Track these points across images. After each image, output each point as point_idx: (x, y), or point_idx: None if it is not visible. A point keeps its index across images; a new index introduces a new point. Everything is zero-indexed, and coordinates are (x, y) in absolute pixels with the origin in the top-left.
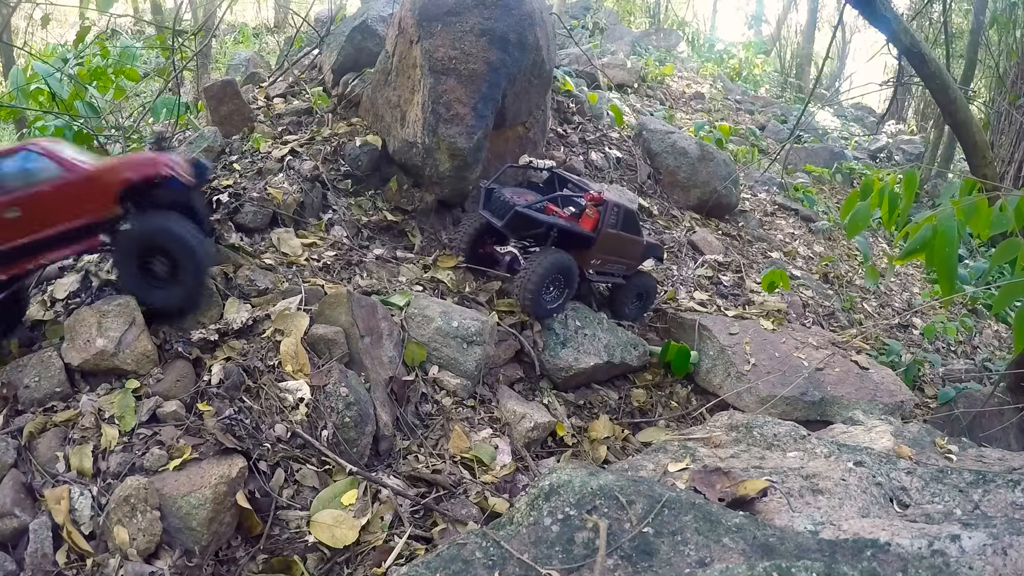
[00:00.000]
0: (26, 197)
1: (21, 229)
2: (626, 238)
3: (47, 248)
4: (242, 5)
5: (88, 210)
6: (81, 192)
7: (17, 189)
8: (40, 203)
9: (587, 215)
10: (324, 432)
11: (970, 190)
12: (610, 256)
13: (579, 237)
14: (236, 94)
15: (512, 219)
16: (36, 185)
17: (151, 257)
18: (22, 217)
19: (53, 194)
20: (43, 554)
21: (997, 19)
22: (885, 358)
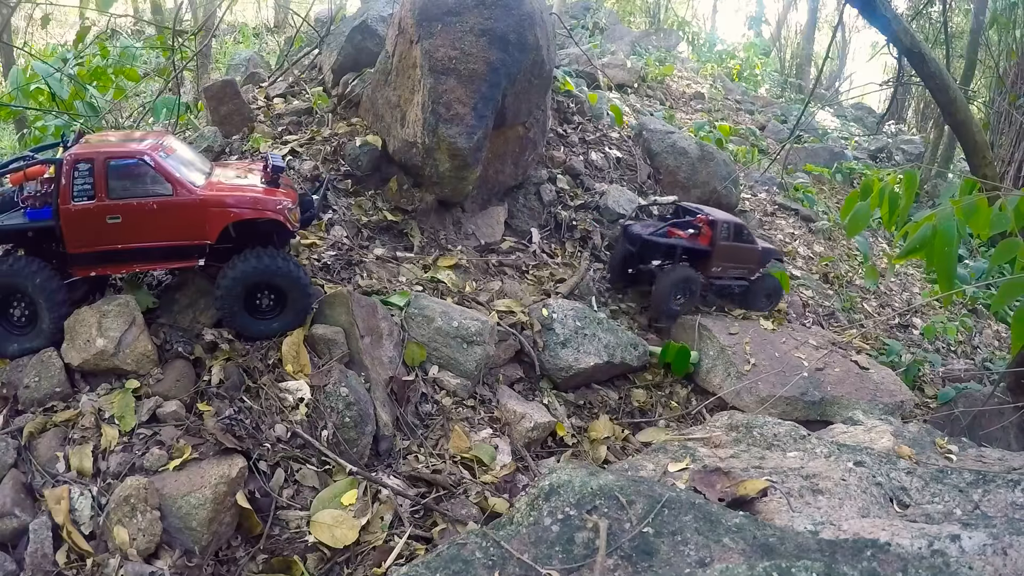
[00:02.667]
0: (129, 208)
1: (121, 235)
2: (740, 247)
3: (141, 259)
4: (242, 5)
5: (191, 234)
6: (187, 216)
7: (124, 196)
8: (142, 216)
9: (703, 233)
10: (324, 432)
11: (970, 190)
12: (729, 263)
13: (699, 252)
14: (236, 94)
15: (642, 246)
16: (142, 198)
17: (259, 293)
18: (122, 225)
19: (157, 212)
20: (43, 554)
21: (997, 19)
22: (885, 358)
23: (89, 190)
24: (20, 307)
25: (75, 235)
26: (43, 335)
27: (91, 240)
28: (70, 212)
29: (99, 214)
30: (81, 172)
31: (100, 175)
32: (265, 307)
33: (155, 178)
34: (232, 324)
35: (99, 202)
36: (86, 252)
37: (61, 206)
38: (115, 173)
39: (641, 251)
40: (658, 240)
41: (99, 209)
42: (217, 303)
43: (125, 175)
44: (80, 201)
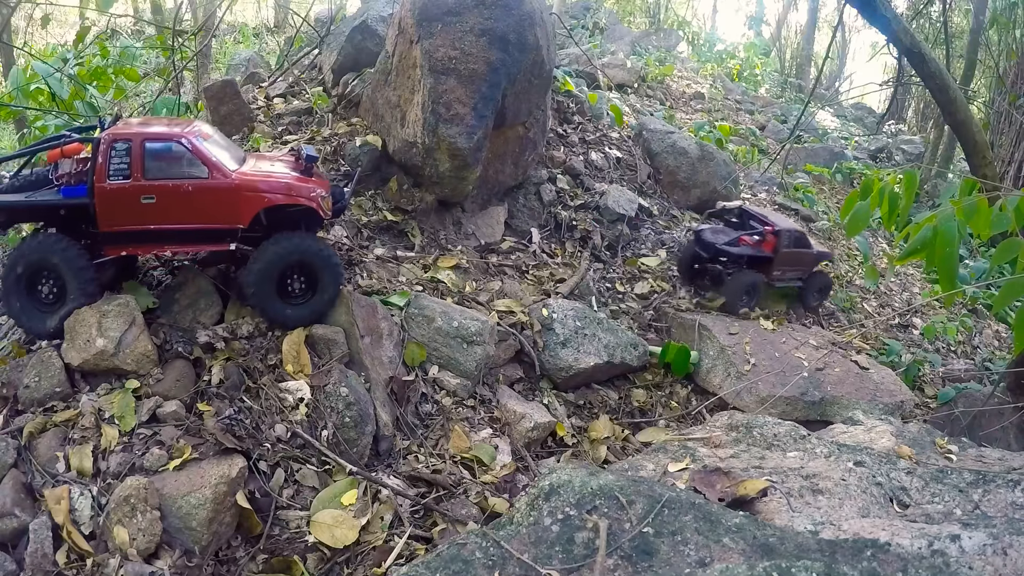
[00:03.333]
0: (164, 189)
1: (154, 216)
2: (799, 252)
3: (173, 240)
4: (242, 5)
5: (224, 218)
6: (221, 199)
7: (159, 177)
8: (177, 198)
9: (767, 241)
10: (324, 432)
11: (970, 190)
12: (788, 267)
13: (763, 258)
14: (236, 94)
15: (715, 254)
16: (178, 180)
17: (290, 276)
18: (156, 205)
19: (192, 193)
20: (43, 554)
21: (997, 19)
22: (885, 358)
23: (125, 169)
24: (49, 284)
25: (108, 213)
26: (66, 310)
27: (124, 219)
28: (105, 190)
29: (134, 193)
30: (118, 151)
31: (137, 155)
32: (296, 292)
33: (191, 161)
34: (263, 310)
35: (134, 182)
36: (118, 231)
37: (96, 184)
38: (152, 154)
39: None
40: (730, 250)
41: (134, 188)
42: (249, 287)
43: (162, 156)
44: (115, 180)
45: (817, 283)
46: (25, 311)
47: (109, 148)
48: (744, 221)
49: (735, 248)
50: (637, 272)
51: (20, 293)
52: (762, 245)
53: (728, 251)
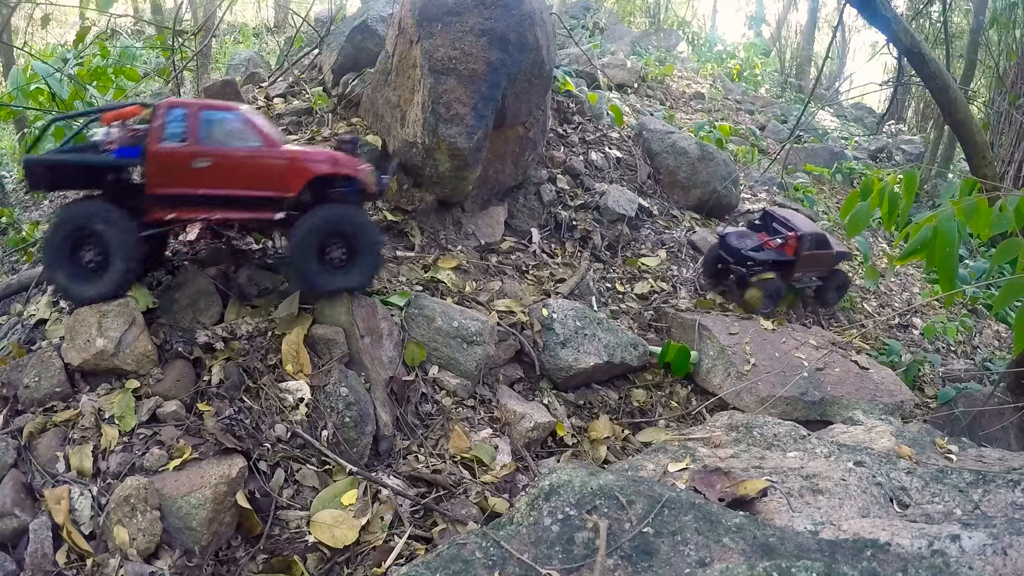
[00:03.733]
0: (220, 153)
1: (206, 180)
2: (820, 254)
3: (224, 205)
4: (242, 5)
5: (275, 186)
6: (273, 168)
7: (214, 144)
8: (231, 163)
9: (789, 244)
10: (324, 432)
11: (970, 190)
12: (809, 269)
13: (785, 262)
14: (236, 94)
15: (740, 260)
16: (233, 148)
17: (331, 244)
18: (210, 169)
19: (246, 160)
20: (43, 554)
21: (997, 19)
22: (885, 358)
23: (181, 134)
24: (92, 251)
25: (159, 175)
26: (112, 282)
27: (175, 181)
28: (158, 152)
29: (187, 156)
30: (175, 116)
31: (193, 121)
32: (336, 262)
33: (245, 131)
34: (304, 279)
35: (189, 145)
36: (167, 193)
37: (150, 146)
38: (208, 121)
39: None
40: (755, 256)
41: (187, 151)
42: (292, 255)
43: (217, 125)
44: (170, 143)
45: (836, 281)
46: (68, 277)
47: (166, 113)
48: (767, 224)
49: (760, 253)
50: (637, 272)
51: (63, 259)
52: (784, 249)
53: (755, 256)
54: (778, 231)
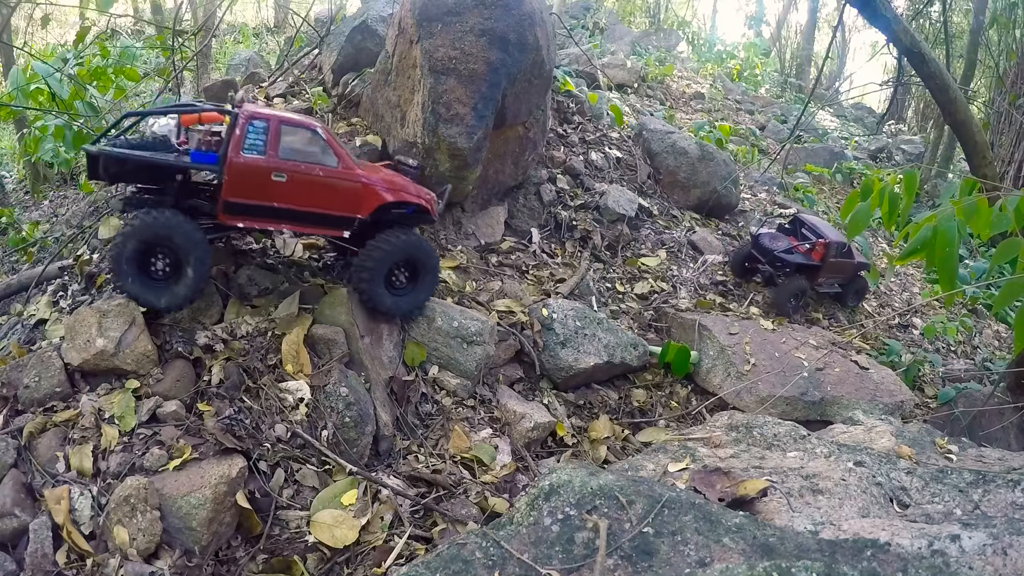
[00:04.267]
0: (298, 170)
1: (282, 194)
2: (843, 262)
3: (293, 219)
4: (242, 5)
5: (347, 207)
6: (347, 189)
7: (293, 159)
8: (308, 180)
9: (816, 250)
10: (324, 432)
11: (970, 190)
12: (833, 275)
13: (811, 266)
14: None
15: (771, 260)
16: (310, 164)
17: (398, 270)
18: (285, 185)
19: (321, 180)
20: (43, 554)
21: (997, 19)
22: (885, 358)
23: (261, 146)
24: (163, 260)
25: (236, 184)
26: (187, 289)
27: (250, 192)
28: (238, 162)
29: (266, 170)
30: (256, 128)
31: (273, 134)
32: (399, 284)
33: (324, 149)
34: (369, 300)
35: (268, 159)
36: (241, 202)
37: (230, 156)
38: (288, 137)
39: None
40: (785, 257)
41: (267, 165)
42: (363, 276)
43: (296, 140)
44: (250, 154)
45: (855, 287)
46: (139, 286)
47: (247, 123)
48: (796, 228)
49: (790, 256)
50: (637, 272)
51: (133, 268)
52: (811, 254)
53: (785, 258)
54: (807, 237)
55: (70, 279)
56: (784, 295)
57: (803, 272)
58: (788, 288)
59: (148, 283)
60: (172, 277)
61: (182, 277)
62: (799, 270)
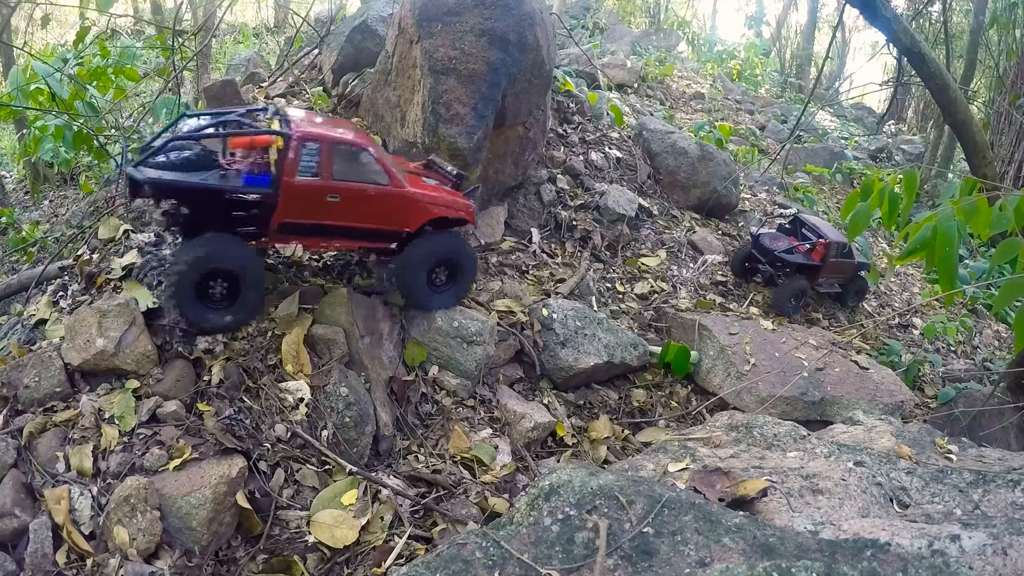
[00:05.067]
0: (351, 190)
1: (335, 213)
2: (843, 262)
3: (343, 236)
4: (242, 5)
5: (395, 222)
6: (396, 206)
7: (345, 179)
8: (358, 199)
9: (817, 250)
10: (324, 432)
11: (970, 190)
12: (832, 275)
13: (811, 266)
14: (236, 94)
15: (771, 260)
16: (363, 184)
17: (438, 269)
18: (338, 204)
19: (373, 198)
20: (43, 554)
21: (997, 19)
22: (885, 358)
23: (314, 168)
24: (221, 285)
25: (291, 206)
26: (247, 310)
27: (305, 213)
28: (293, 185)
29: (320, 191)
30: (309, 150)
31: (326, 156)
32: (439, 282)
33: (375, 168)
34: (410, 297)
35: (323, 180)
36: (295, 223)
37: (284, 178)
38: (340, 157)
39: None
40: (786, 257)
41: (321, 187)
42: (405, 276)
43: (349, 160)
44: (304, 176)
45: (855, 287)
46: (201, 311)
47: (301, 146)
48: (796, 228)
49: (791, 256)
50: (637, 272)
51: (194, 294)
52: (812, 254)
53: (785, 258)
54: (807, 237)
55: (70, 279)
56: (784, 295)
57: (803, 272)
58: (788, 288)
59: (209, 307)
60: (229, 299)
61: (240, 299)
62: (799, 270)
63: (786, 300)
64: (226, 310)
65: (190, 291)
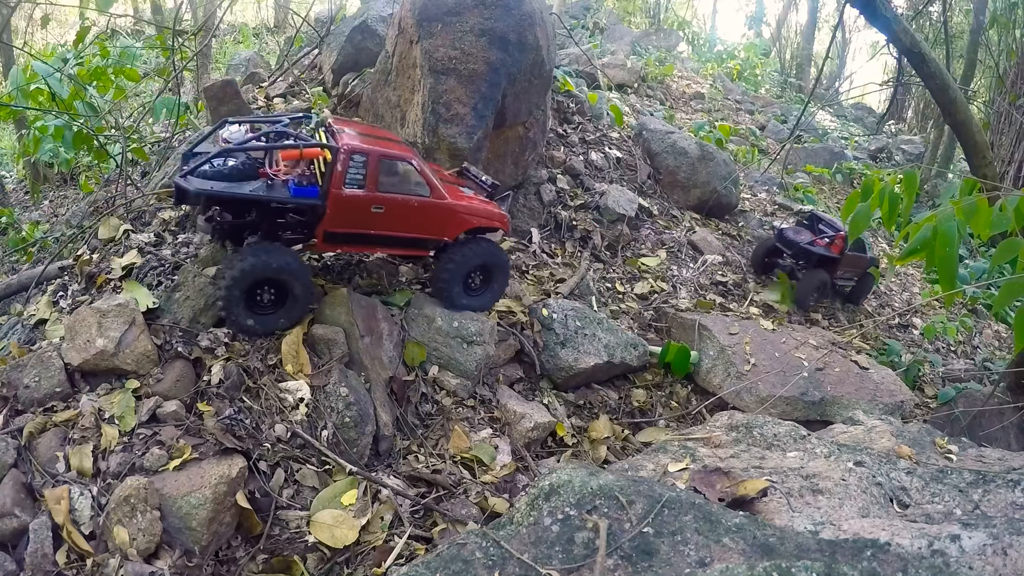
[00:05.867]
0: (395, 201)
1: (379, 223)
2: (859, 256)
3: (385, 244)
4: (242, 5)
5: (435, 232)
6: (437, 217)
7: (390, 191)
8: (402, 211)
9: (836, 244)
10: (324, 432)
11: (970, 190)
12: (849, 268)
13: (830, 259)
14: (236, 94)
15: (797, 252)
16: (406, 195)
17: (474, 273)
18: (382, 215)
19: (415, 209)
20: (43, 554)
21: (997, 19)
22: (885, 358)
23: (361, 180)
24: (269, 292)
25: (338, 216)
26: (294, 316)
27: (351, 223)
28: (341, 196)
29: (366, 202)
30: (356, 163)
31: (373, 168)
32: (474, 286)
33: (418, 180)
34: (447, 299)
35: (368, 192)
36: (341, 232)
37: (333, 190)
38: (386, 169)
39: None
40: (811, 249)
41: (367, 198)
42: (443, 280)
43: (394, 172)
44: (351, 188)
45: (866, 282)
46: (249, 317)
47: (348, 158)
48: (813, 224)
49: (815, 248)
50: (637, 272)
51: (243, 300)
52: (831, 247)
53: (810, 250)
54: (823, 232)
55: (70, 279)
56: (807, 288)
57: (824, 264)
58: (811, 281)
59: (258, 313)
60: (279, 303)
61: (288, 303)
62: (821, 262)
63: (809, 293)
64: (275, 316)
65: (240, 298)
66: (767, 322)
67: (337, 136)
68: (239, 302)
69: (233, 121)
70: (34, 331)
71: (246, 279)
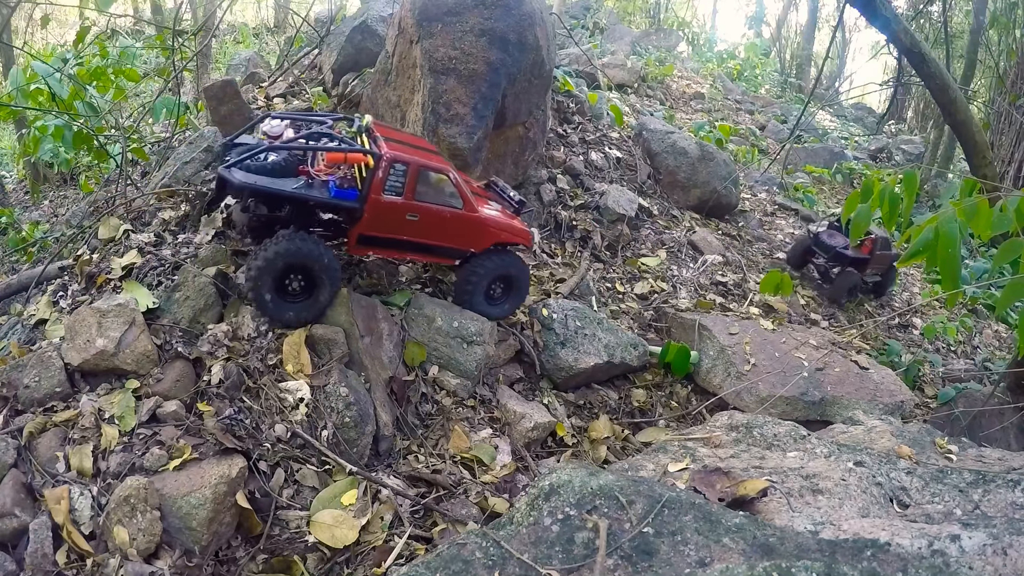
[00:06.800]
0: (430, 211)
1: (413, 230)
2: (887, 254)
3: (416, 251)
4: (242, 5)
5: (465, 243)
6: (468, 229)
7: (426, 200)
8: (435, 220)
9: (866, 245)
10: (324, 432)
11: (970, 190)
12: (877, 266)
13: (861, 259)
14: (236, 94)
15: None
16: (440, 206)
17: (496, 283)
18: (416, 223)
19: (448, 220)
20: (43, 554)
21: (997, 19)
22: (885, 358)
23: (400, 188)
24: (297, 281)
25: (374, 221)
26: (320, 307)
27: (386, 228)
28: (379, 202)
29: (402, 210)
30: (396, 171)
31: (412, 177)
32: (495, 295)
33: (453, 192)
34: (468, 306)
35: (406, 200)
36: (375, 236)
37: (372, 195)
38: (423, 180)
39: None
40: (847, 253)
41: (404, 206)
42: (466, 289)
43: (430, 183)
44: (390, 195)
45: (890, 276)
46: (276, 303)
47: (390, 167)
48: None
49: (850, 251)
50: (637, 272)
51: (272, 287)
52: (861, 248)
53: (846, 254)
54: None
55: (70, 279)
56: (842, 288)
57: (856, 265)
58: (845, 282)
59: (285, 300)
60: (305, 293)
61: (315, 294)
62: (853, 263)
63: (843, 293)
64: (302, 304)
65: (270, 284)
66: (767, 322)
67: (379, 143)
68: (269, 288)
69: (276, 116)
70: (34, 331)
71: (276, 265)
